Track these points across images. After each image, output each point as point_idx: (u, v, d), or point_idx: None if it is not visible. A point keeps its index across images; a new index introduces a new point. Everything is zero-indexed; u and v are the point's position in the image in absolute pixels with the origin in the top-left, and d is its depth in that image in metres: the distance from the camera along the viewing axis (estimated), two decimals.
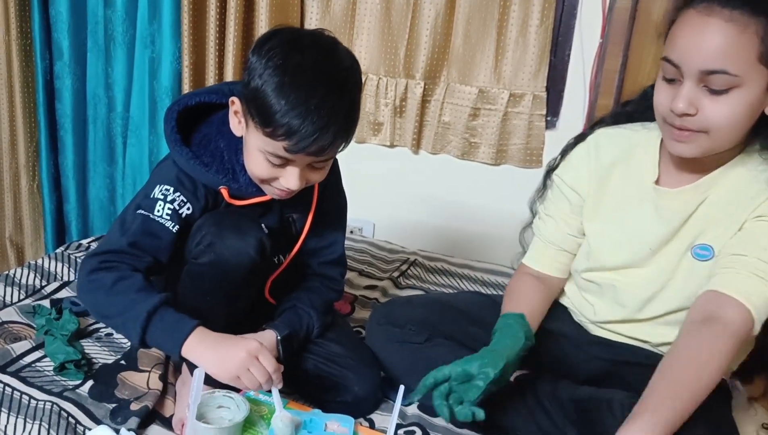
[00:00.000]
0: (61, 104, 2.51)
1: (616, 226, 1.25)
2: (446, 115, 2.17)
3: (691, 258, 1.17)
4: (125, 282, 1.12)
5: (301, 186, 1.16)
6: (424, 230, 2.31)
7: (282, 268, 1.33)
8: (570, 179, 1.30)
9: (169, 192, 1.19)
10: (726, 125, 1.05)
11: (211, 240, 1.16)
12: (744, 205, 1.11)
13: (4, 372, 1.27)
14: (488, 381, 1.07)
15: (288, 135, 1.06)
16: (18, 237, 2.66)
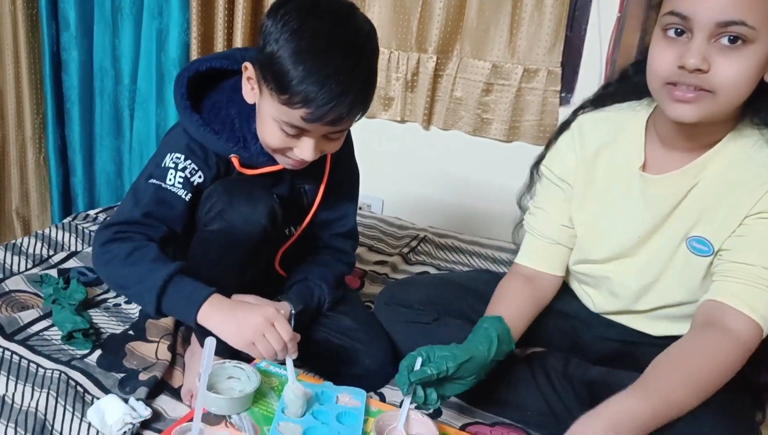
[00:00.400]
0: (68, 76, 2.48)
1: (604, 214, 1.21)
2: (458, 91, 2.14)
3: (687, 250, 1.12)
4: (140, 252, 1.11)
5: (316, 157, 1.13)
6: (434, 207, 2.28)
7: (293, 240, 1.31)
8: (558, 169, 1.26)
9: (180, 160, 1.17)
10: (735, 84, 0.98)
11: (221, 207, 1.14)
12: (742, 197, 1.05)
13: (12, 340, 1.26)
14: (438, 371, 1.03)
15: (305, 103, 1.02)
16: (24, 209, 2.65)
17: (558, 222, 1.26)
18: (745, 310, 1.01)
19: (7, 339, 1.26)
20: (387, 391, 1.26)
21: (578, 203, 1.24)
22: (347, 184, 1.36)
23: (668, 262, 1.15)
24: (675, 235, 1.13)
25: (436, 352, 1.07)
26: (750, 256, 1.04)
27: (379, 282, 1.69)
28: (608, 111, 1.22)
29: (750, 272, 1.03)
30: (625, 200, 1.18)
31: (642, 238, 1.17)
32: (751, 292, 1.02)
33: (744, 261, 1.04)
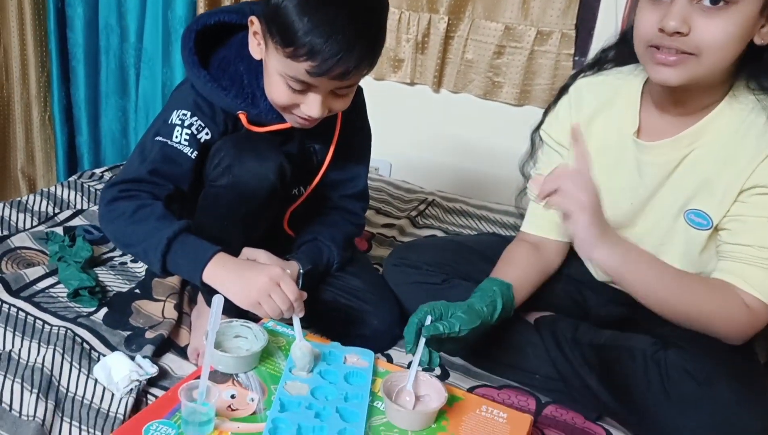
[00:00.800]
0: (73, 33, 2.45)
1: (599, 180, 1.18)
2: (470, 53, 2.09)
3: (685, 224, 1.11)
4: (145, 210, 1.10)
5: (324, 114, 1.10)
6: (443, 171, 2.26)
7: (302, 200, 1.29)
8: (556, 133, 1.24)
9: (186, 117, 1.16)
10: (719, 47, 0.96)
11: (229, 162, 1.12)
12: (738, 170, 1.03)
13: (17, 296, 1.25)
14: (450, 332, 1.03)
15: (310, 55, 1.00)
16: (30, 169, 2.64)
17: None
18: (751, 290, 1.02)
19: (13, 295, 1.25)
20: (394, 352, 1.25)
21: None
22: (359, 145, 1.34)
23: (667, 234, 1.14)
24: (672, 207, 1.12)
25: (450, 310, 1.06)
26: (750, 237, 1.03)
27: (386, 245, 1.68)
28: (607, 75, 1.20)
29: (749, 253, 1.03)
30: (620, 166, 1.16)
31: (636, 206, 1.15)
32: (756, 272, 1.02)
33: (745, 242, 1.04)
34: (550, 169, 1.23)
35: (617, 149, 1.15)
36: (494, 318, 1.11)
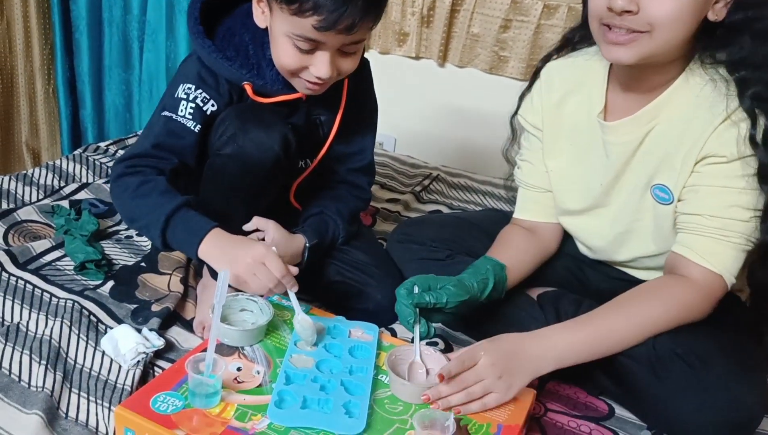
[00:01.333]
0: (76, 5, 2.43)
1: (571, 162, 1.20)
2: (475, 27, 2.08)
3: (652, 200, 1.11)
4: (148, 185, 1.11)
5: (332, 74, 1.10)
6: (447, 145, 2.26)
7: (308, 173, 1.29)
8: (531, 117, 1.25)
9: (191, 90, 1.16)
10: (670, 22, 0.95)
11: (233, 132, 1.12)
12: (692, 140, 1.03)
13: (24, 269, 1.26)
14: (436, 302, 1.04)
15: (315, 9, 1.00)
16: (34, 141, 2.64)
17: (543, 170, 1.26)
18: (700, 261, 1.03)
19: (20, 268, 1.26)
20: (398, 327, 1.26)
21: (548, 150, 1.24)
22: (365, 117, 1.34)
23: (637, 211, 1.14)
24: (638, 183, 1.12)
25: (439, 282, 1.07)
26: (702, 206, 1.03)
27: (391, 220, 1.68)
28: (576, 56, 1.20)
29: (705, 223, 1.03)
30: (589, 149, 1.17)
31: (606, 186, 1.16)
32: (705, 242, 1.03)
33: (695, 211, 1.04)
34: (530, 154, 1.26)
35: (587, 130, 1.16)
36: (484, 295, 1.12)
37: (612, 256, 1.23)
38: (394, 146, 2.33)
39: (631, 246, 1.19)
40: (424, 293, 1.05)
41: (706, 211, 1.03)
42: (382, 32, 2.18)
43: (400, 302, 1.05)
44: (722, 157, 1.01)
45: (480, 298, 1.12)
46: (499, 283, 1.16)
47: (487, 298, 1.14)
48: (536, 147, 1.26)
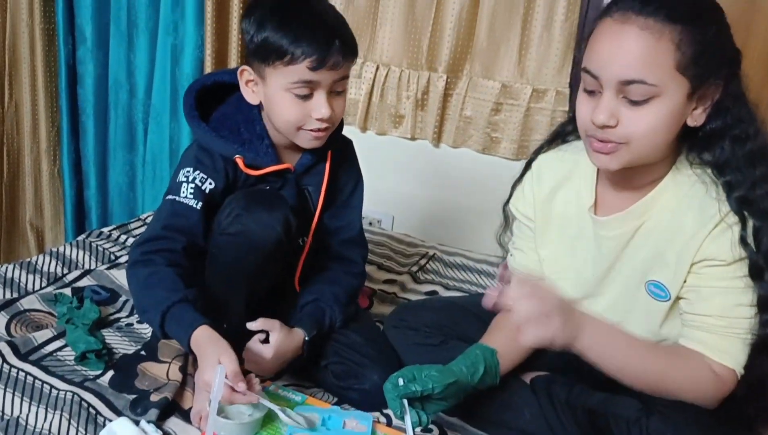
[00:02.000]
0: (83, 89, 2.51)
1: (563, 253, 1.24)
2: (468, 110, 2.15)
3: (646, 295, 1.15)
4: (155, 277, 1.18)
5: (330, 114, 1.21)
6: (444, 224, 2.30)
7: (307, 249, 1.35)
8: (523, 208, 1.29)
9: (190, 172, 1.26)
10: (646, 136, 1.02)
11: (239, 211, 1.20)
12: (686, 243, 1.07)
13: (26, 360, 1.28)
14: (423, 389, 1.07)
15: (307, 54, 1.16)
16: (38, 221, 2.69)
17: (535, 259, 1.29)
18: (715, 356, 1.06)
19: (22, 359, 1.28)
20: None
21: (540, 241, 1.27)
22: (350, 191, 1.43)
23: (630, 304, 1.17)
24: (632, 278, 1.16)
25: (423, 371, 1.10)
26: (706, 306, 1.07)
27: (388, 301, 1.71)
28: (566, 150, 1.25)
29: (708, 322, 1.07)
30: (580, 239, 1.21)
31: (599, 277, 1.20)
32: (717, 339, 1.06)
33: (703, 312, 1.08)
34: (522, 242, 1.29)
35: (577, 222, 1.20)
36: (476, 380, 1.14)
37: None
38: (392, 224, 2.37)
39: None
40: (410, 383, 1.07)
41: (713, 311, 1.06)
42: (379, 114, 2.25)
43: (387, 397, 1.07)
44: (722, 261, 1.05)
45: (472, 382, 1.14)
46: (491, 368, 1.17)
47: (479, 383, 1.15)
48: (528, 236, 1.30)
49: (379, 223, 2.35)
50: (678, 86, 1.00)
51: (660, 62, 0.98)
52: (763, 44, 1.79)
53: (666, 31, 0.98)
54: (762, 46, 1.79)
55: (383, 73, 2.21)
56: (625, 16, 1.00)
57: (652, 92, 0.99)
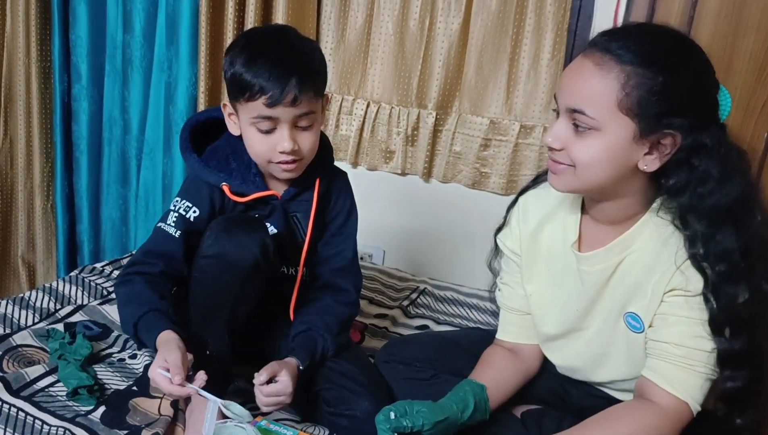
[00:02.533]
0: (78, 126, 2.54)
1: (548, 288, 1.26)
2: (457, 145, 2.19)
3: (625, 327, 1.17)
4: (132, 293, 1.29)
5: (294, 147, 1.26)
6: (434, 258, 2.32)
7: (300, 279, 1.39)
8: (509, 243, 1.32)
9: (178, 202, 1.34)
10: (587, 165, 1.06)
11: (218, 234, 1.25)
12: (660, 271, 1.10)
13: (18, 396, 1.28)
14: (413, 425, 1.09)
15: (262, 91, 1.21)
16: (30, 255, 2.69)
17: (522, 294, 1.31)
18: (667, 387, 1.08)
19: (14, 395, 1.28)
20: None
21: (526, 276, 1.30)
22: (343, 221, 1.46)
23: (610, 335, 1.19)
24: (612, 310, 1.18)
25: (414, 406, 1.12)
26: (666, 333, 1.09)
27: (379, 336, 1.72)
28: (550, 187, 1.25)
29: (666, 350, 1.09)
30: (565, 275, 1.23)
31: (582, 311, 1.22)
32: (672, 369, 1.08)
33: (662, 339, 1.10)
34: (509, 277, 1.33)
35: (562, 258, 1.23)
36: (465, 416, 1.15)
37: (589, 376, 1.27)
38: (383, 259, 2.39)
39: (607, 368, 1.23)
40: (401, 418, 1.09)
41: (672, 339, 1.08)
42: (370, 150, 2.29)
43: (379, 428, 1.08)
44: (687, 291, 1.07)
45: (461, 419, 1.15)
46: (481, 404, 1.19)
47: (469, 419, 1.17)
48: (515, 271, 1.32)
49: (370, 258, 2.37)
50: (619, 126, 1.03)
51: (602, 98, 1.02)
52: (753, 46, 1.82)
53: (615, 70, 1.02)
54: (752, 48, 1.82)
55: (374, 109, 2.25)
56: (590, 52, 1.05)
57: (593, 124, 1.03)
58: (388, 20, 2.18)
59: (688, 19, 1.86)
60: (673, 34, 1.08)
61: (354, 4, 2.23)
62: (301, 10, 2.21)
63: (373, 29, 2.22)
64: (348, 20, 2.26)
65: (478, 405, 1.18)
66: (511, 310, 1.34)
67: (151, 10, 2.33)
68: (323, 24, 2.29)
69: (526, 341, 1.33)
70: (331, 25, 2.28)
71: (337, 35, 2.28)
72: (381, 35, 2.21)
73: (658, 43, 1.05)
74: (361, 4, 2.22)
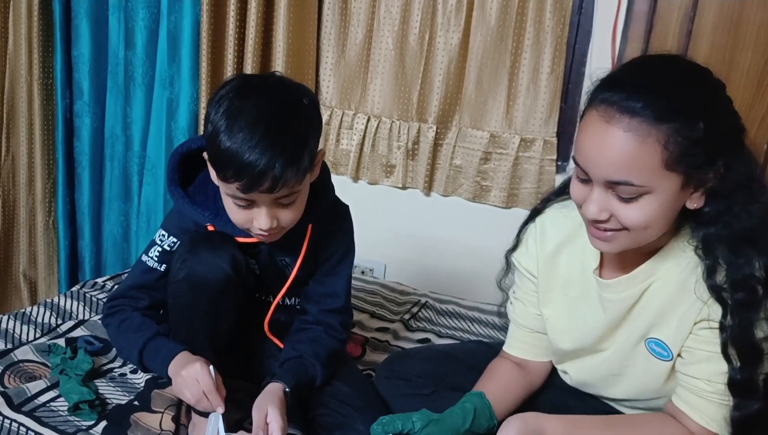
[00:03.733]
0: (80, 142, 2.55)
1: (566, 312, 1.23)
2: (458, 159, 2.20)
3: (646, 351, 1.14)
4: (125, 323, 1.30)
5: (272, 225, 1.17)
6: (435, 272, 2.32)
7: (273, 307, 1.37)
8: (525, 262, 1.28)
9: (164, 237, 1.33)
10: (643, 226, 1.00)
11: (185, 257, 1.22)
12: (689, 302, 1.07)
13: (19, 411, 1.28)
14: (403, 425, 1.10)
15: (236, 177, 1.10)
16: (32, 272, 2.69)
17: (534, 312, 1.29)
18: (700, 420, 1.07)
19: (15, 410, 1.28)
20: None
21: (543, 298, 1.27)
22: (338, 260, 1.38)
23: (628, 359, 1.17)
24: (632, 335, 1.15)
25: (412, 417, 1.12)
26: (698, 369, 1.07)
27: (380, 350, 1.72)
28: (572, 207, 1.20)
29: (697, 386, 1.08)
30: (584, 300, 1.19)
31: (599, 337, 1.19)
32: (705, 404, 1.07)
33: (695, 375, 1.08)
34: (523, 294, 1.30)
35: (581, 283, 1.19)
36: (467, 422, 1.15)
37: (600, 391, 1.26)
38: (384, 273, 2.39)
39: (620, 387, 1.21)
40: (395, 419, 1.10)
41: (702, 375, 1.07)
42: (371, 164, 2.30)
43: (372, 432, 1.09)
44: (714, 322, 1.04)
45: (464, 425, 1.15)
46: (484, 410, 1.18)
47: (474, 425, 1.16)
48: (529, 289, 1.29)
49: (371, 272, 2.37)
50: (669, 181, 0.97)
51: (646, 164, 0.95)
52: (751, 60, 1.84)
53: (651, 132, 0.94)
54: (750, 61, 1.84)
55: (374, 124, 2.26)
56: (609, 114, 0.96)
57: (641, 191, 0.97)
58: (388, 36, 2.20)
59: (686, 33, 1.88)
60: (684, 68, 1.01)
61: (354, 19, 2.25)
62: (301, 26, 2.23)
63: (373, 44, 2.24)
64: (348, 36, 2.28)
65: (478, 410, 1.17)
66: (520, 327, 1.32)
67: (152, 27, 2.35)
68: (323, 39, 2.31)
69: (534, 358, 1.32)
70: (331, 40, 2.30)
71: (337, 51, 2.30)
72: (381, 50, 2.22)
73: (682, 87, 0.97)
74: (361, 20, 2.24)
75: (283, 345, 1.38)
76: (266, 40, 2.24)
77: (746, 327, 1.01)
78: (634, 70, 1.02)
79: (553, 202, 1.27)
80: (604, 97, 0.97)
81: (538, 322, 1.29)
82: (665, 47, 1.90)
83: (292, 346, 1.35)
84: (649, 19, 1.92)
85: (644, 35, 1.94)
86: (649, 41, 1.94)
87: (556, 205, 1.26)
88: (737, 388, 1.03)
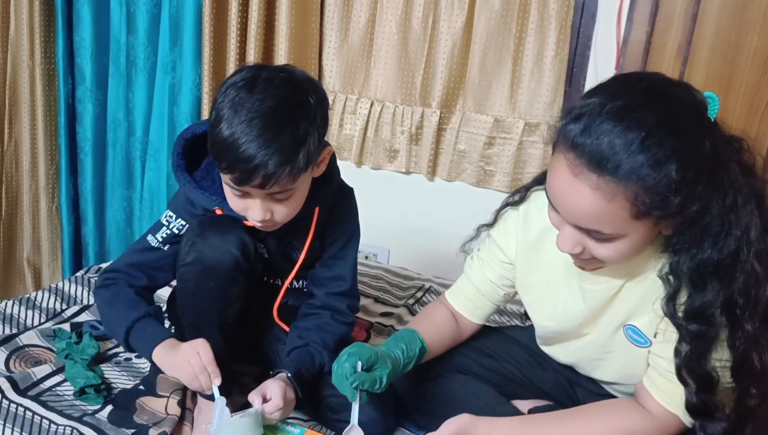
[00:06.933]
0: (82, 128, 2.55)
1: (546, 299, 1.23)
2: (462, 144, 2.19)
3: (624, 338, 1.14)
4: (117, 297, 1.29)
5: (266, 217, 1.18)
6: (439, 257, 2.31)
7: (283, 293, 1.36)
8: (501, 242, 1.28)
9: (172, 218, 1.32)
10: (617, 259, 1.01)
11: (193, 240, 1.22)
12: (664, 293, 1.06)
13: (25, 396, 1.29)
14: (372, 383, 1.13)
15: (230, 169, 1.11)
16: (35, 258, 2.70)
17: (488, 278, 1.31)
18: (659, 399, 1.09)
19: (21, 395, 1.29)
20: None
21: (521, 285, 1.27)
22: (344, 244, 1.39)
23: (609, 344, 1.18)
24: (613, 321, 1.15)
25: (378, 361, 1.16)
26: (665, 349, 1.07)
27: (385, 334, 1.72)
28: None
29: (660, 365, 1.09)
30: (566, 288, 1.19)
31: (580, 324, 1.20)
32: (667, 384, 1.08)
33: (661, 354, 1.09)
34: (486, 256, 1.31)
35: (563, 273, 1.18)
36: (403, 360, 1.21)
37: (591, 373, 1.27)
38: (388, 258, 2.39)
39: (608, 370, 1.22)
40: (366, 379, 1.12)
41: (667, 355, 1.07)
42: (374, 149, 2.29)
43: (343, 382, 1.12)
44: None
45: (401, 364, 1.21)
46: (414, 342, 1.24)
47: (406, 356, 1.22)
48: (493, 257, 1.30)
49: (375, 257, 2.37)
50: (641, 226, 0.96)
51: (615, 217, 0.94)
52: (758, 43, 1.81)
53: (618, 192, 0.92)
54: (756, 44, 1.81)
55: (378, 109, 2.25)
56: (577, 168, 0.93)
57: (612, 237, 0.97)
58: (391, 20, 2.19)
59: (692, 16, 1.86)
60: (658, 106, 0.93)
61: (357, 3, 2.24)
62: (304, 10, 2.22)
63: (377, 29, 2.22)
64: (351, 20, 2.26)
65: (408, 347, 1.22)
66: (470, 282, 1.33)
67: (154, 12, 2.33)
68: (326, 24, 2.29)
69: (468, 316, 1.34)
70: (334, 24, 2.28)
71: (340, 35, 2.28)
72: (384, 35, 2.21)
73: (652, 137, 0.90)
74: (364, 4, 2.22)
75: (289, 329, 1.39)
76: (269, 24, 2.23)
77: (698, 356, 1.01)
78: (597, 114, 0.93)
79: (535, 190, 1.25)
80: (575, 141, 0.93)
81: (489, 287, 1.31)
82: (670, 30, 1.88)
83: (299, 334, 1.35)
84: (655, 1, 1.90)
85: (649, 18, 1.92)
86: (655, 24, 1.92)
87: (542, 193, 1.23)
88: (694, 411, 1.05)
